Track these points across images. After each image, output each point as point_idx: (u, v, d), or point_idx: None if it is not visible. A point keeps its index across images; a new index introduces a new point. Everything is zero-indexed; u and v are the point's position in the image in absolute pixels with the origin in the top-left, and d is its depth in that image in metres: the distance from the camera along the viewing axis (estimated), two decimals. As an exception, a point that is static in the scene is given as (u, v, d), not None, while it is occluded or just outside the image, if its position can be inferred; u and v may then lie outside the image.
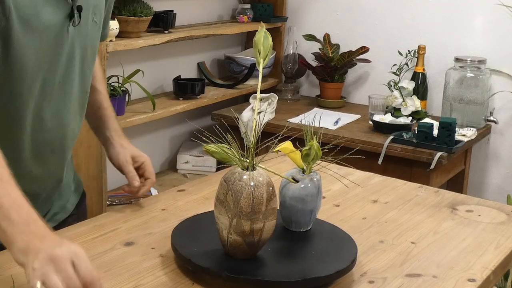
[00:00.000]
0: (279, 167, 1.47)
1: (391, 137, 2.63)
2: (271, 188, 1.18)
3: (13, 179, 1.05)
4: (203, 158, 3.00)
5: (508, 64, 2.97)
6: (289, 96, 3.33)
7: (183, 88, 2.85)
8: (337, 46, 3.27)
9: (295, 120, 2.86)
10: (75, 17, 1.23)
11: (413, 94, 2.94)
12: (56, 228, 1.34)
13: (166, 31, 2.75)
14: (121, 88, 2.52)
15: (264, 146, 1.26)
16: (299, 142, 1.35)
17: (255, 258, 1.21)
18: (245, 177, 1.16)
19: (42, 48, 1.19)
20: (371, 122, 2.84)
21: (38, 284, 0.96)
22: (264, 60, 1.20)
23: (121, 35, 2.49)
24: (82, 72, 1.32)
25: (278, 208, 1.24)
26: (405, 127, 2.72)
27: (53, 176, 1.38)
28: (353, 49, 3.15)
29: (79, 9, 1.23)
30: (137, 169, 1.51)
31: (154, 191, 2.75)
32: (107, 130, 1.53)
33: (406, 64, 3.05)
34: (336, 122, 2.90)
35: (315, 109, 3.14)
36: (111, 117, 1.54)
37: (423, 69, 3.02)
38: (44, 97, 1.24)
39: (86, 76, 1.34)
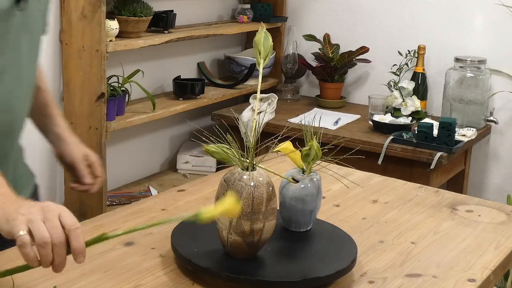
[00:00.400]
0: (279, 167, 1.47)
1: (391, 137, 2.63)
2: (271, 188, 1.18)
3: None
4: (203, 158, 3.00)
5: (508, 64, 2.97)
6: (289, 96, 3.33)
7: (183, 88, 2.85)
8: (337, 46, 3.27)
9: (295, 120, 2.86)
10: (21, 2, 1.25)
11: (413, 94, 2.94)
12: None
13: (166, 31, 2.75)
14: (121, 88, 2.52)
15: (264, 146, 1.26)
16: (299, 142, 1.35)
17: (255, 258, 1.21)
18: (245, 177, 1.16)
19: None
20: (371, 122, 2.84)
21: (22, 231, 0.94)
22: (264, 60, 1.21)
23: (121, 35, 2.49)
24: (30, 60, 1.33)
25: (278, 208, 1.24)
26: (405, 127, 2.72)
27: (1, 162, 1.37)
28: (353, 49, 3.15)
29: None
30: (87, 167, 1.53)
31: (154, 191, 2.75)
32: (57, 127, 1.53)
33: (406, 64, 3.05)
34: (336, 122, 2.90)
35: (315, 109, 3.14)
36: (58, 115, 1.55)
37: (423, 69, 3.02)
38: None
39: (33, 64, 1.36)
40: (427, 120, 2.79)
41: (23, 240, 0.95)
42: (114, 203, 2.59)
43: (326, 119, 2.87)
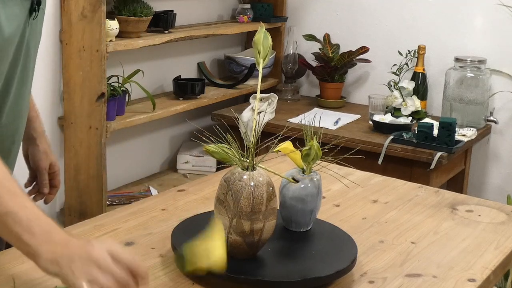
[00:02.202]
0: (279, 167, 1.47)
1: (391, 137, 2.63)
2: (271, 188, 1.18)
3: (24, 190, 1.04)
4: (203, 158, 3.00)
5: (508, 64, 2.97)
6: (289, 96, 3.33)
7: (183, 88, 2.85)
8: (337, 46, 3.27)
9: (295, 120, 2.86)
10: (35, 11, 1.25)
11: (413, 94, 2.94)
12: None
13: (166, 31, 2.75)
14: (121, 88, 2.52)
15: (264, 146, 1.26)
16: (299, 142, 1.35)
17: (255, 258, 1.21)
18: (245, 177, 1.16)
19: (11, 42, 1.20)
20: (371, 122, 2.84)
21: (85, 285, 0.94)
22: (263, 60, 1.21)
23: (121, 35, 2.49)
24: (34, 63, 1.34)
25: (278, 208, 1.24)
26: (405, 127, 2.72)
27: (12, 165, 1.38)
28: (353, 49, 3.15)
29: (39, 3, 1.26)
30: (49, 175, 1.55)
31: (154, 191, 2.75)
32: (33, 131, 1.54)
33: (406, 64, 3.05)
34: (336, 122, 2.90)
35: (315, 109, 3.14)
36: (37, 118, 1.55)
37: (423, 69, 3.02)
38: (6, 90, 1.25)
39: (34, 66, 1.37)
40: (427, 120, 2.79)
41: None
42: (114, 203, 2.59)
43: (326, 119, 2.87)
